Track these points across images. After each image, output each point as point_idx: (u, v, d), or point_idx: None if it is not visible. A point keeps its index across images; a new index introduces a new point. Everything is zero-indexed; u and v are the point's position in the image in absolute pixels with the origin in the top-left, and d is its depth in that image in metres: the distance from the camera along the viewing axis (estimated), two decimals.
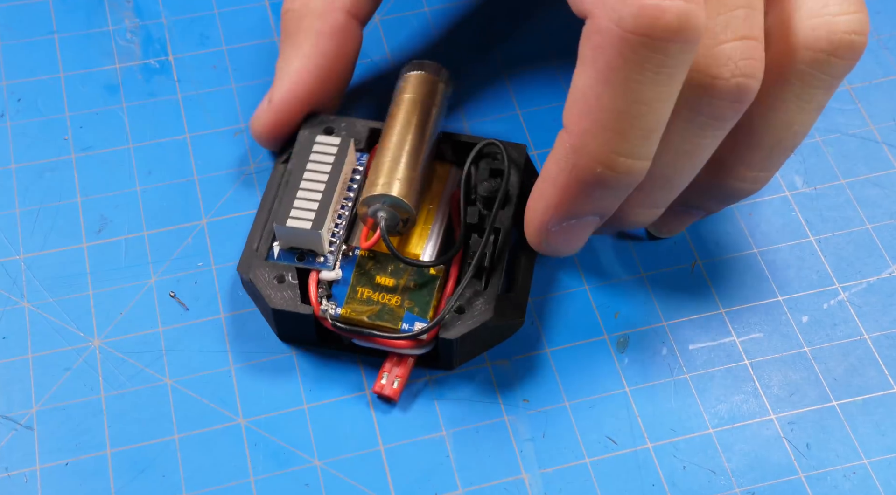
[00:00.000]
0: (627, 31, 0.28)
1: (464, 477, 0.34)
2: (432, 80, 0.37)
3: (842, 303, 0.37)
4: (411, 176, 0.35)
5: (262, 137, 0.38)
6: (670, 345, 0.36)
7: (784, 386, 0.35)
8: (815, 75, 0.32)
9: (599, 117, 0.29)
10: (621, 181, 0.30)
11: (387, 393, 0.34)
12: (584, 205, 0.31)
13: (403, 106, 0.37)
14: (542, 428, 0.35)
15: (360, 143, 0.38)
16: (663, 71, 0.28)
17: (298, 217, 0.35)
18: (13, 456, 0.34)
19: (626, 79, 0.28)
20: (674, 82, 0.29)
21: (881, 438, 0.34)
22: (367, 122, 0.38)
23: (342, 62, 0.38)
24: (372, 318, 0.34)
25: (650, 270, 0.38)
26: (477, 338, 0.35)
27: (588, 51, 0.29)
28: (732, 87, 0.30)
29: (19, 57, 0.43)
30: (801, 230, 0.39)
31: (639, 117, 0.29)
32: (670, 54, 0.28)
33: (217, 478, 0.33)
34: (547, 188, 0.32)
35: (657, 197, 0.33)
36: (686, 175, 0.33)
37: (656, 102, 0.29)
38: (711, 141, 0.32)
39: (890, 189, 0.40)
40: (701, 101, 0.30)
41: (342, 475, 0.34)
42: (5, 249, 0.38)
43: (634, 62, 0.28)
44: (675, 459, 0.34)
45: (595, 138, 0.29)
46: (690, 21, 0.28)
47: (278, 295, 0.34)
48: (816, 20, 0.31)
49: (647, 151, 0.30)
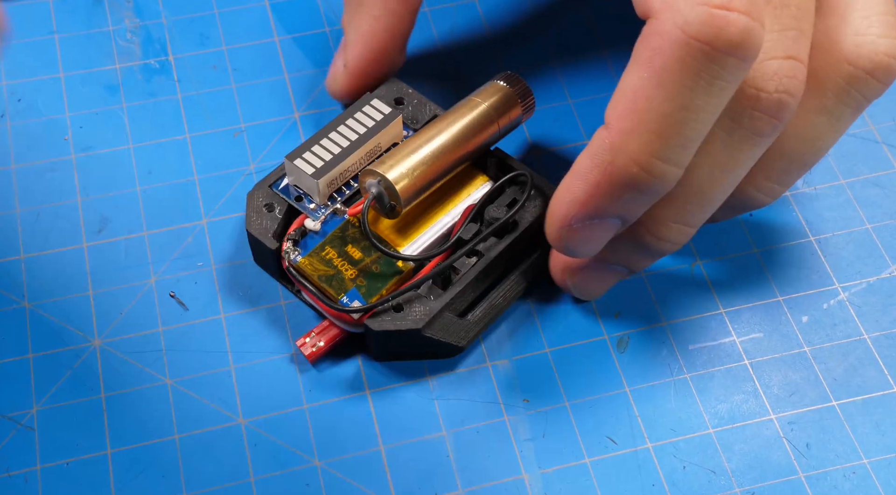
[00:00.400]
0: (691, 36, 0.28)
1: (464, 477, 0.34)
2: (512, 98, 0.37)
3: (842, 303, 0.37)
4: (419, 170, 0.35)
5: (339, 97, 0.40)
6: (670, 345, 0.36)
7: (784, 386, 0.35)
8: (849, 92, 0.32)
9: (645, 118, 0.29)
10: (654, 185, 0.30)
11: (304, 352, 0.35)
12: (611, 206, 0.31)
13: (465, 107, 0.37)
14: (542, 428, 0.35)
15: (417, 123, 0.38)
16: (717, 82, 0.29)
17: (307, 161, 0.36)
18: (13, 456, 0.34)
19: (680, 84, 0.29)
20: (724, 95, 0.29)
21: (881, 438, 0.34)
22: (437, 107, 0.38)
23: (408, 17, 0.39)
24: (321, 279, 0.35)
25: (650, 270, 0.38)
26: (405, 342, 0.35)
27: (645, 51, 0.29)
28: (775, 101, 0.30)
29: (19, 57, 0.43)
30: (801, 230, 0.39)
31: (684, 124, 0.29)
32: (727, 67, 0.28)
33: (217, 478, 0.33)
34: (577, 183, 0.32)
35: (690, 212, 0.33)
36: (720, 192, 0.33)
37: (703, 112, 0.29)
38: (747, 158, 0.32)
39: (890, 189, 0.40)
40: (743, 113, 0.31)
41: (342, 475, 0.34)
42: (5, 249, 0.38)
43: (691, 68, 0.28)
44: (675, 459, 0.34)
45: (637, 138, 0.30)
46: (752, 38, 0.28)
47: (257, 220, 0.36)
48: (862, 38, 0.32)
49: (683, 159, 0.30)
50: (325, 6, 0.45)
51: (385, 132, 0.37)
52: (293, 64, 0.43)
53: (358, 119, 0.37)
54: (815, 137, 0.33)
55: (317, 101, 0.42)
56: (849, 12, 0.33)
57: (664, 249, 0.34)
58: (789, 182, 0.35)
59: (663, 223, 0.33)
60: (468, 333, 0.35)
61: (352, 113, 0.37)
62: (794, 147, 0.34)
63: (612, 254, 0.35)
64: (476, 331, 0.36)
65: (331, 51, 0.43)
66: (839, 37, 0.32)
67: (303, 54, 0.43)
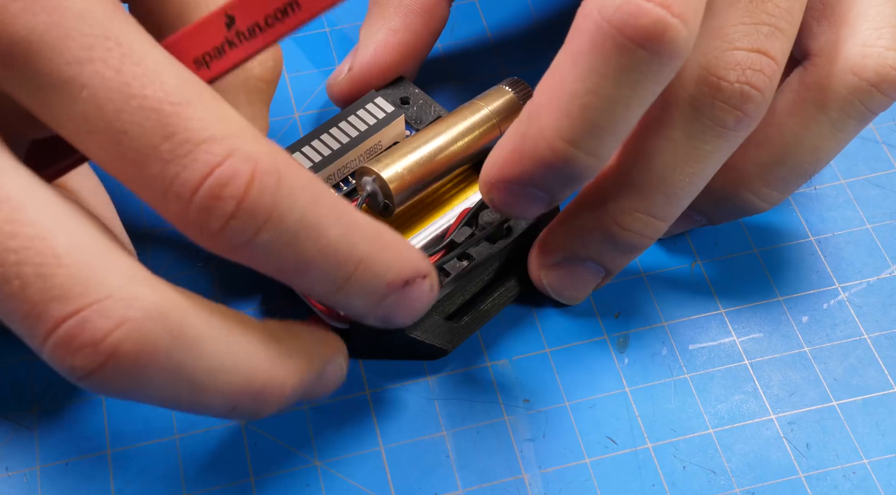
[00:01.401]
0: (605, 20, 0.28)
1: (464, 477, 0.34)
2: (515, 104, 0.37)
3: (842, 303, 0.37)
4: (415, 171, 0.35)
5: (336, 101, 0.39)
6: (670, 345, 0.36)
7: (784, 386, 0.35)
8: (853, 103, 0.32)
9: (556, 95, 0.29)
10: (561, 168, 0.30)
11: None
12: (526, 176, 0.31)
13: (467, 110, 0.37)
14: (542, 428, 0.35)
15: (421, 124, 0.38)
16: (628, 73, 0.28)
17: (306, 154, 0.36)
18: (13, 456, 0.34)
19: (590, 67, 0.28)
20: (638, 89, 0.28)
21: (881, 438, 0.34)
22: (442, 109, 0.38)
23: (427, 38, 0.39)
24: None
25: (650, 270, 0.38)
26: (390, 341, 0.35)
27: (571, 30, 0.29)
28: (736, 92, 0.30)
29: None
30: (801, 230, 0.39)
31: (593, 109, 0.29)
32: (639, 59, 0.28)
33: (217, 478, 0.33)
34: (500, 146, 0.31)
35: (656, 203, 0.32)
36: (687, 184, 0.32)
37: (615, 103, 0.28)
38: (713, 151, 0.31)
39: (890, 189, 0.40)
40: (704, 101, 0.30)
41: (342, 475, 0.34)
42: None
43: (602, 53, 0.28)
44: (675, 459, 0.34)
45: (547, 114, 0.29)
46: (667, 34, 0.27)
47: None
48: (870, 49, 0.32)
49: (594, 147, 0.29)
50: None
51: (386, 131, 0.37)
52: (293, 64, 0.43)
53: (360, 116, 0.37)
54: (816, 147, 0.33)
55: (317, 102, 0.42)
56: (859, 22, 0.32)
57: (633, 242, 0.33)
58: (789, 190, 0.35)
59: (628, 212, 0.32)
60: (455, 337, 0.35)
61: (355, 109, 0.37)
62: (795, 155, 0.33)
63: (583, 248, 0.34)
64: (463, 336, 0.36)
65: (331, 51, 0.43)
66: (846, 47, 0.32)
67: (303, 54, 0.43)
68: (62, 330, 0.25)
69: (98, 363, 0.25)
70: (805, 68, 0.34)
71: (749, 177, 0.34)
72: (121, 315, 0.25)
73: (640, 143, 0.32)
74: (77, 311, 0.25)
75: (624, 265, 0.35)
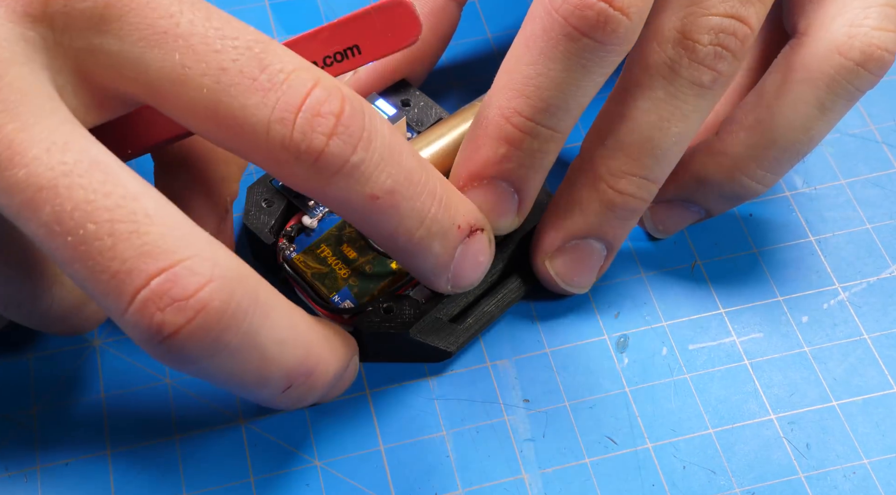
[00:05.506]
0: (553, 8, 0.30)
1: (464, 477, 0.34)
2: None
3: (842, 303, 0.37)
4: None
5: None
6: (670, 345, 0.36)
7: (784, 386, 0.35)
8: (840, 82, 0.33)
9: (512, 76, 0.31)
10: (524, 142, 0.32)
11: None
12: (492, 162, 0.32)
13: (468, 112, 0.37)
14: (542, 428, 0.35)
15: (422, 126, 0.38)
16: (576, 60, 0.30)
17: None
18: (13, 456, 0.34)
19: (539, 51, 0.31)
20: (586, 73, 0.31)
21: (881, 438, 0.34)
22: (443, 111, 0.38)
23: (435, 43, 0.39)
24: (314, 277, 0.35)
25: (650, 270, 0.38)
26: (394, 344, 0.35)
27: (527, 16, 0.31)
28: (710, 52, 0.31)
29: None
30: (801, 230, 0.39)
31: (545, 89, 0.31)
32: (585, 47, 0.30)
33: (217, 478, 0.33)
34: (465, 143, 0.33)
35: (645, 164, 0.33)
36: (673, 143, 0.33)
37: (566, 84, 0.31)
38: (694, 110, 0.32)
39: (890, 189, 0.40)
40: (681, 62, 0.32)
41: (342, 475, 0.34)
42: None
43: (550, 38, 0.30)
44: (675, 459, 0.34)
45: (504, 93, 0.32)
46: (608, 25, 0.30)
47: (256, 214, 0.36)
48: (855, 29, 0.33)
49: (552, 123, 0.32)
50: (325, 6, 0.45)
51: None
52: None
53: None
54: (806, 126, 0.34)
55: None
56: (848, 1, 0.33)
57: (629, 205, 0.34)
58: (782, 171, 0.35)
59: (621, 175, 0.33)
60: (458, 339, 0.35)
61: None
62: (786, 135, 0.34)
63: (583, 221, 0.34)
64: (466, 337, 0.36)
65: None
66: (834, 25, 0.33)
67: None
68: (153, 285, 0.25)
69: (187, 319, 0.25)
70: (792, 47, 0.34)
71: (743, 160, 0.34)
72: (210, 272, 0.26)
73: (625, 108, 0.33)
74: (169, 267, 0.25)
75: (624, 236, 0.35)
